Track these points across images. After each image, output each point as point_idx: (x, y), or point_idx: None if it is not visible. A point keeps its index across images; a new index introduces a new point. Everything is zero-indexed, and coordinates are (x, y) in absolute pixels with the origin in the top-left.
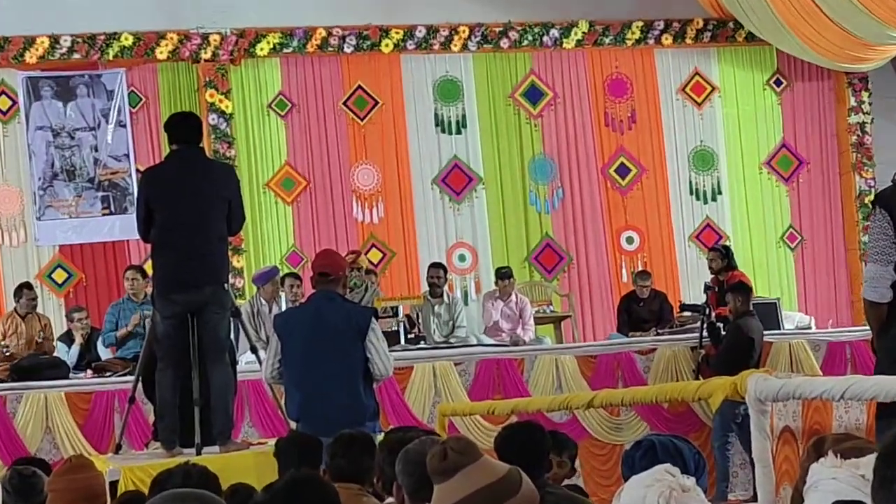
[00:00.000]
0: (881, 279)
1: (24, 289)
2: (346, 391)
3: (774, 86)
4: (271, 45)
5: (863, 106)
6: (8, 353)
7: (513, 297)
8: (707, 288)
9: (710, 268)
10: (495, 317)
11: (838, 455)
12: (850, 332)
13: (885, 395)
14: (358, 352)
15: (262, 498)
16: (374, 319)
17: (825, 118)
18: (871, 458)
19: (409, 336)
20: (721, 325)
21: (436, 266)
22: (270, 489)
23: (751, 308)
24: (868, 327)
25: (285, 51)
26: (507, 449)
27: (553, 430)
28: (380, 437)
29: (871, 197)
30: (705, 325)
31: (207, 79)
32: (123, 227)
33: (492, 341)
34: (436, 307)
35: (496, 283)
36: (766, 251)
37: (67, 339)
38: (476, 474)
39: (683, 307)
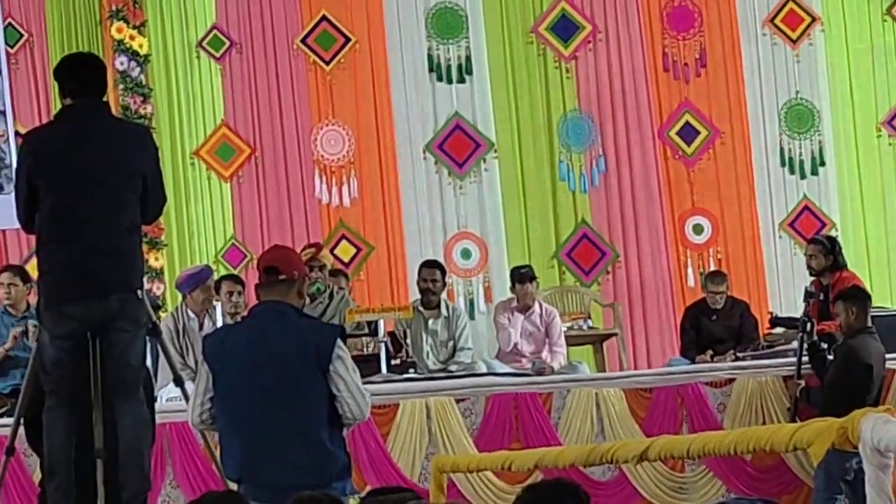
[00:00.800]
0: None
1: None
2: (304, 441)
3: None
4: None
5: None
6: None
7: (536, 308)
8: (808, 295)
9: (810, 267)
10: (514, 337)
11: None
12: None
13: None
14: (319, 386)
15: None
16: (339, 341)
17: None
18: None
19: (394, 362)
20: (826, 345)
21: (430, 265)
22: None
23: (868, 323)
24: None
25: None
26: None
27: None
28: (352, 501)
29: None
30: (805, 347)
31: (114, 8)
32: (2, 213)
33: (508, 369)
34: (430, 322)
35: (512, 290)
36: (888, 243)
37: None
38: None
39: (774, 321)
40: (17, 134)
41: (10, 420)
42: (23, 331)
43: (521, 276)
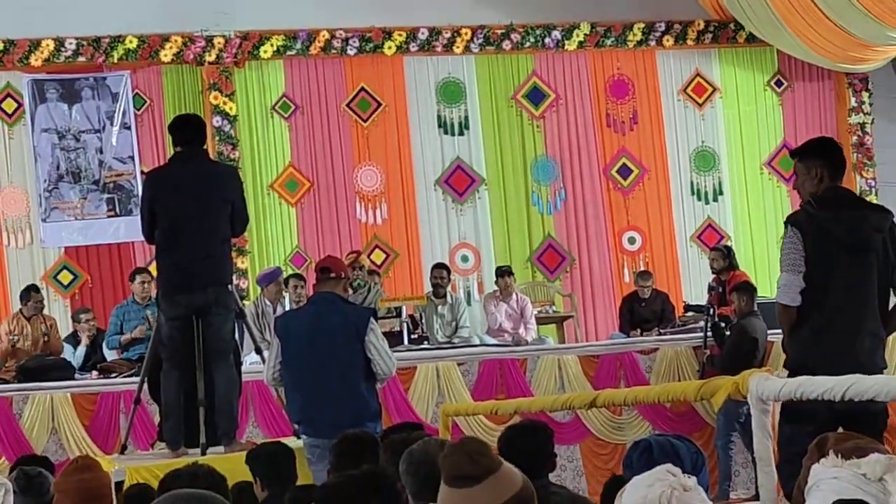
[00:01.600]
0: (793, 286)
1: (31, 291)
2: (346, 392)
3: (775, 86)
4: (275, 48)
5: (863, 106)
6: (17, 345)
7: (514, 296)
8: (711, 289)
9: (713, 268)
10: (500, 319)
11: (839, 455)
12: None
13: (886, 394)
14: (358, 353)
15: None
16: (372, 320)
17: (826, 118)
18: (872, 458)
19: (413, 336)
20: (724, 324)
21: (439, 267)
22: (335, 484)
23: (755, 308)
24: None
25: (289, 53)
26: (512, 449)
27: None
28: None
29: (873, 196)
30: (709, 325)
31: (211, 81)
32: (128, 229)
33: (494, 341)
34: (439, 307)
35: (496, 282)
36: (768, 251)
37: (73, 340)
38: (504, 482)
39: (687, 307)
40: (141, 173)
41: (137, 378)
42: (147, 325)
43: (502, 271)
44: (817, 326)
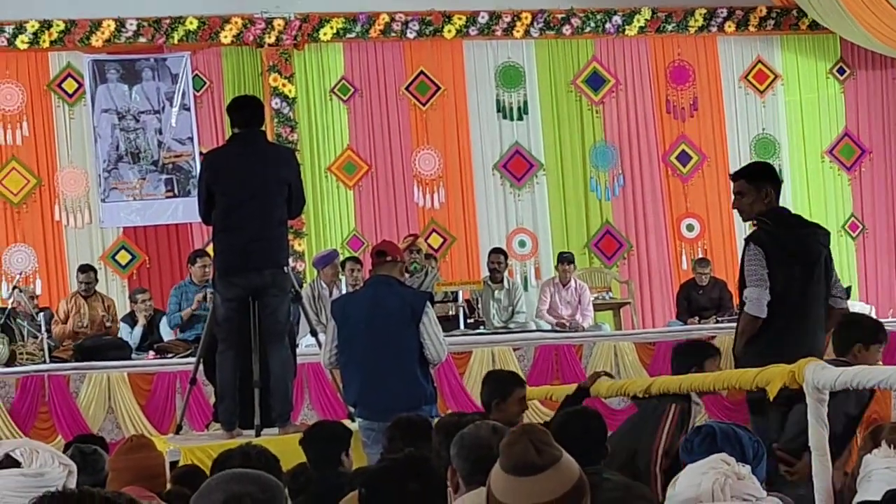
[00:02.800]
0: (762, 299)
1: (80, 272)
2: (402, 376)
3: (837, 74)
4: (335, 30)
5: None
6: (83, 328)
7: (572, 282)
8: None
9: None
10: (556, 304)
11: (892, 445)
12: None
13: None
14: (413, 336)
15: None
16: (428, 304)
17: (888, 107)
18: None
19: (469, 321)
20: None
21: (496, 251)
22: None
23: None
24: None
25: (348, 36)
26: (565, 435)
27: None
28: (436, 421)
29: None
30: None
31: (271, 63)
32: (186, 210)
33: (549, 327)
34: (495, 292)
35: (556, 268)
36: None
37: (130, 320)
38: (564, 473)
39: None
40: (200, 154)
41: (193, 359)
42: (203, 296)
43: (564, 258)
44: (779, 330)
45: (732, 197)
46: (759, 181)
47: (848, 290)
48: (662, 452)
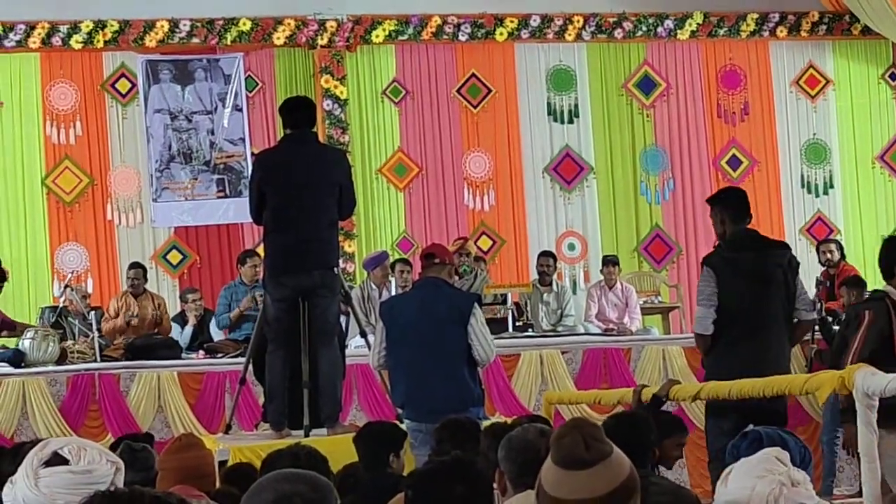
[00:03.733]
0: (707, 318)
1: (129, 268)
2: (450, 377)
3: (889, 80)
4: (387, 33)
5: None
6: (130, 322)
7: (618, 285)
8: (819, 282)
9: (823, 262)
10: (603, 308)
11: None
12: None
13: None
14: (462, 338)
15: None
16: (476, 305)
17: None
18: None
19: (518, 323)
20: (832, 319)
21: (545, 254)
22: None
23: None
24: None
25: (400, 38)
26: (614, 439)
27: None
28: (485, 423)
29: None
30: (819, 320)
31: (323, 65)
32: (238, 210)
33: (598, 330)
34: (544, 295)
35: (602, 271)
36: (878, 246)
37: (181, 319)
38: (615, 468)
39: None
40: (252, 154)
41: (242, 359)
42: (252, 298)
43: (609, 260)
44: (730, 343)
45: None
46: (714, 207)
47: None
48: None
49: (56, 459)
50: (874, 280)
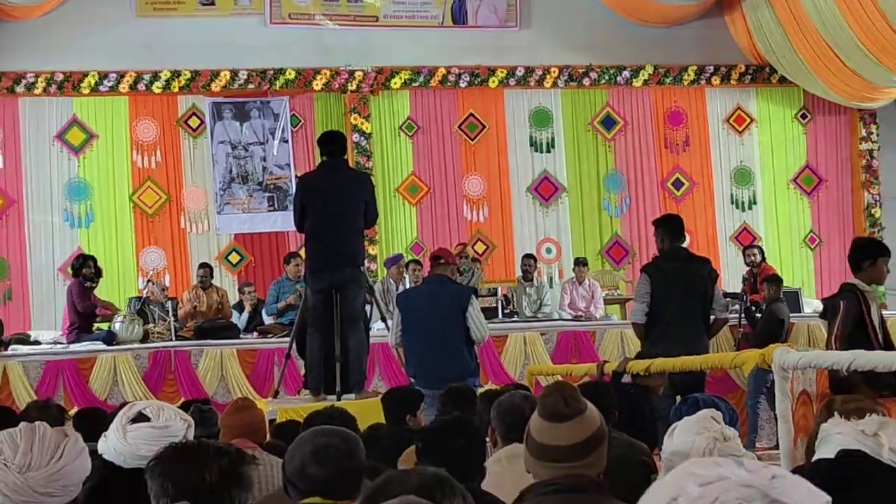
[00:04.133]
0: (640, 311)
1: (199, 268)
2: (452, 353)
3: (801, 119)
4: (402, 80)
5: (871, 136)
6: (197, 308)
7: (586, 281)
8: (744, 279)
9: (747, 263)
10: (574, 299)
11: (843, 415)
12: None
13: (882, 366)
14: (461, 322)
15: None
16: (473, 297)
17: (841, 145)
18: (869, 418)
19: (506, 311)
20: (755, 308)
21: (528, 257)
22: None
23: (781, 296)
24: None
25: (413, 85)
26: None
27: None
28: (479, 390)
29: (877, 209)
30: (743, 309)
31: (352, 106)
32: (284, 221)
33: (570, 317)
34: (527, 289)
35: (573, 269)
36: (791, 250)
37: (239, 307)
38: (588, 421)
39: (726, 294)
40: (295, 177)
41: (288, 339)
42: (297, 291)
43: (579, 261)
44: (660, 331)
45: None
46: (658, 227)
47: (798, 290)
48: None
49: (140, 418)
50: (789, 277)
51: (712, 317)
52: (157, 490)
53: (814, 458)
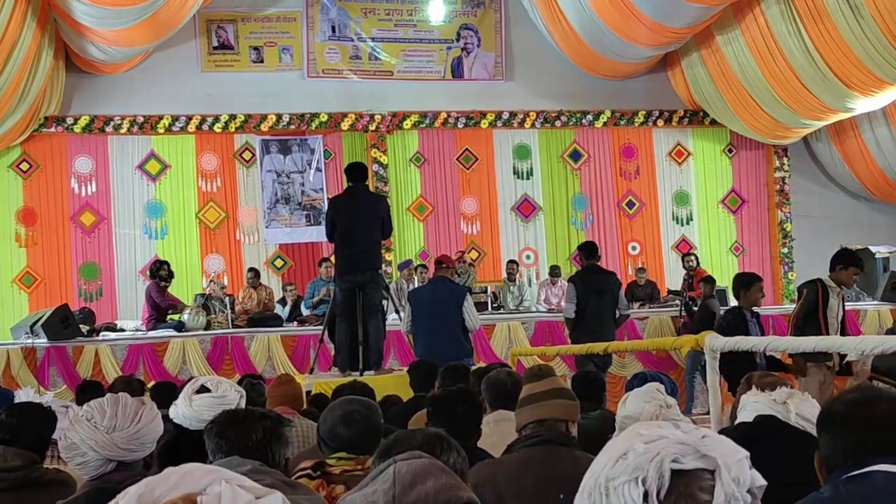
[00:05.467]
0: (570, 310)
1: (248, 271)
2: (451, 339)
3: (728, 153)
4: (413, 122)
5: (784, 166)
6: (252, 305)
7: (559, 282)
8: (684, 280)
9: (686, 267)
10: (549, 297)
11: (760, 388)
12: (772, 309)
13: (794, 349)
14: (458, 314)
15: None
16: (468, 294)
17: (759, 173)
18: (781, 390)
19: (494, 306)
20: (692, 303)
21: (512, 262)
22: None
23: (713, 293)
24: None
25: (421, 126)
26: (578, 386)
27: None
28: (472, 367)
29: (789, 225)
30: (683, 304)
31: (372, 142)
32: (318, 234)
33: (545, 310)
34: (511, 288)
35: (549, 273)
36: (720, 257)
37: (283, 302)
38: (556, 380)
39: (669, 292)
40: (327, 198)
41: (321, 327)
42: (328, 290)
43: (554, 272)
44: (582, 325)
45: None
46: (579, 250)
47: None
48: None
49: (203, 389)
50: (719, 279)
51: (618, 313)
52: (213, 447)
53: (736, 422)
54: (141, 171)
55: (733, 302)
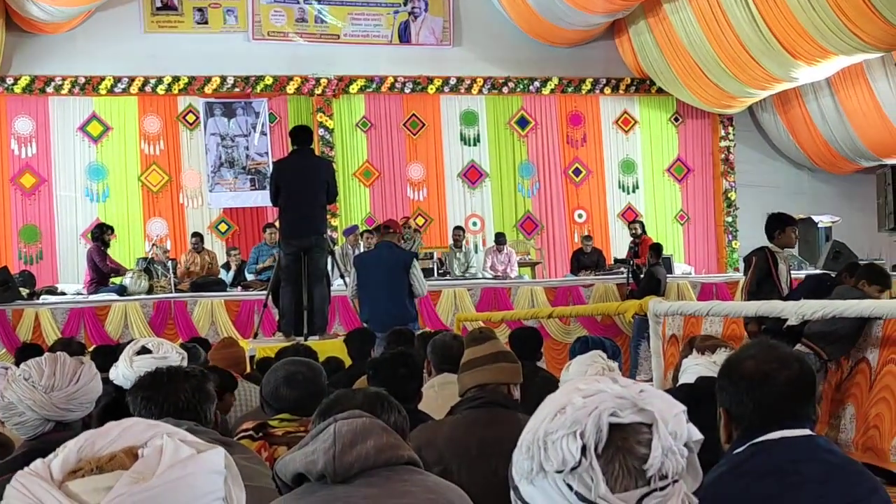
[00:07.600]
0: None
1: (192, 236)
2: (397, 304)
3: (674, 121)
4: (359, 87)
5: (729, 135)
6: (190, 269)
7: (504, 249)
8: (630, 248)
9: (632, 234)
10: (495, 263)
11: (700, 351)
12: (716, 277)
13: (737, 314)
14: (405, 279)
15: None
16: (415, 260)
17: (705, 142)
18: (720, 352)
19: (440, 272)
20: (638, 270)
21: (458, 228)
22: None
23: (659, 261)
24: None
25: (367, 90)
26: (517, 342)
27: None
28: (418, 332)
29: (733, 194)
30: (629, 271)
31: (318, 106)
32: (263, 198)
33: (491, 276)
34: (457, 254)
35: (495, 240)
36: (666, 225)
37: (226, 267)
38: (497, 343)
39: (616, 260)
40: (272, 162)
41: (265, 292)
42: (275, 256)
43: (500, 238)
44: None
45: None
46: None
47: (670, 257)
48: None
49: (144, 350)
50: (667, 247)
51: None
52: (142, 413)
53: (678, 384)
54: (82, 133)
55: (680, 269)
